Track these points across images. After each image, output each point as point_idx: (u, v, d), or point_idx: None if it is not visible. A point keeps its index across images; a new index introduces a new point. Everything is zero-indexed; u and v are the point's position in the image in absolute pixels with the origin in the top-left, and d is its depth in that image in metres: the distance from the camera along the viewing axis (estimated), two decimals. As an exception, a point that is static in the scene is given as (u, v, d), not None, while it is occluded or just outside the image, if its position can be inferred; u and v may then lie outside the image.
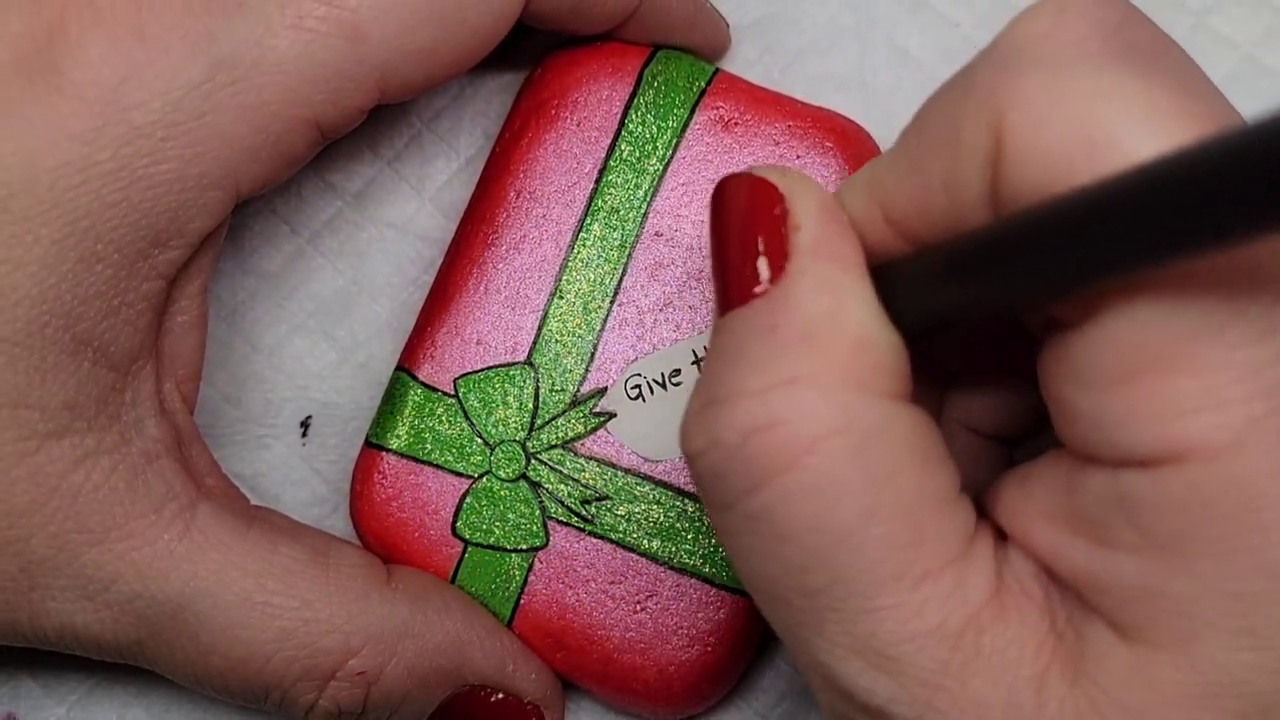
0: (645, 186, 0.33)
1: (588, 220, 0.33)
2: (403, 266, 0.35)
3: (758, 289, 0.23)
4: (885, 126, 0.34)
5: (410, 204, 0.36)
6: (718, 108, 0.33)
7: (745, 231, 0.24)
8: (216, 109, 0.27)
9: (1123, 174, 0.19)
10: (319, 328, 0.35)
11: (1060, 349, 0.21)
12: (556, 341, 0.33)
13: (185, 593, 0.29)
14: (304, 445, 0.35)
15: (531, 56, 0.35)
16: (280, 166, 0.29)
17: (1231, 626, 0.20)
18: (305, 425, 0.35)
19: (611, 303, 0.33)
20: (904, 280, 0.23)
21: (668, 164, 0.33)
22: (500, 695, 0.32)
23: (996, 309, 0.23)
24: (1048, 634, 0.22)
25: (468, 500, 0.32)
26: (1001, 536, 0.23)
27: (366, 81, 0.29)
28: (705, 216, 0.33)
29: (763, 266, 0.23)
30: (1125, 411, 0.20)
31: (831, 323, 0.23)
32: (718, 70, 0.34)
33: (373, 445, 0.33)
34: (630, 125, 0.33)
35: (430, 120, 0.36)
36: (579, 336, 0.33)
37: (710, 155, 0.33)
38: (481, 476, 0.33)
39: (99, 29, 0.27)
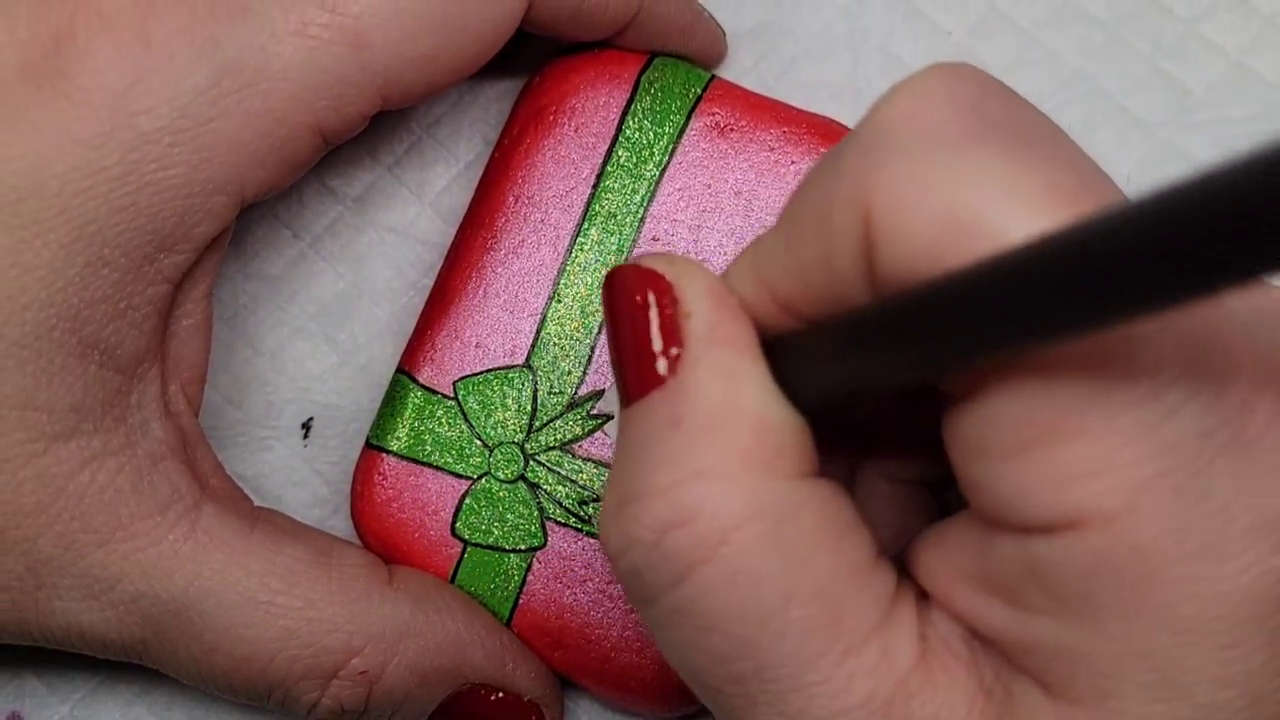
0: (642, 192, 0.33)
1: (585, 225, 0.33)
2: (403, 270, 0.36)
3: (656, 380, 0.23)
4: (880, 133, 0.34)
5: (410, 209, 0.36)
6: (714, 114, 0.33)
7: (637, 323, 0.24)
8: (222, 115, 0.28)
9: (982, 262, 0.19)
10: (320, 330, 0.35)
11: (954, 421, 0.21)
12: (554, 345, 0.33)
13: (190, 592, 0.29)
14: (305, 447, 0.35)
15: (530, 63, 0.35)
16: (284, 171, 0.29)
17: (1146, 681, 0.21)
18: (306, 427, 0.35)
19: (609, 306, 0.33)
20: (797, 359, 0.23)
21: (664, 169, 0.33)
22: (500, 694, 0.32)
23: (883, 386, 0.23)
24: (977, 692, 0.22)
25: (467, 501, 0.33)
26: (924, 595, 0.23)
27: (369, 88, 0.29)
28: (701, 221, 0.33)
29: (659, 357, 0.23)
30: (1020, 482, 0.20)
31: (731, 410, 0.23)
32: (714, 77, 0.34)
33: (373, 447, 0.33)
34: (627, 131, 0.33)
35: (430, 126, 0.36)
36: (577, 340, 0.33)
37: (706, 161, 0.33)
38: (480, 478, 0.33)
39: (106, 35, 0.27)
